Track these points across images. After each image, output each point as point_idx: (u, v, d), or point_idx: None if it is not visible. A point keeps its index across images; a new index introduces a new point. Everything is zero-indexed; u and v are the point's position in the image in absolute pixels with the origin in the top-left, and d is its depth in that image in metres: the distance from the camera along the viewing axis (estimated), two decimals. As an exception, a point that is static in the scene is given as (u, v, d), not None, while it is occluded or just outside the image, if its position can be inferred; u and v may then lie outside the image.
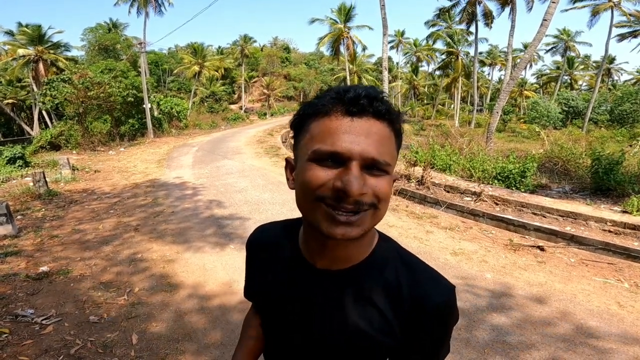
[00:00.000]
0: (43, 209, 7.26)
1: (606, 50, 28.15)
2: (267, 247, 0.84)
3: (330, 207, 0.59)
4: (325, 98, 0.62)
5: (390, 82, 34.63)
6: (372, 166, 0.59)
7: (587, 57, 49.45)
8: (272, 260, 0.81)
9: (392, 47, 45.77)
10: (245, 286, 0.93)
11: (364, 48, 34.70)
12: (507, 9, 23.72)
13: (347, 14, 30.14)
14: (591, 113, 28.66)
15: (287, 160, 0.73)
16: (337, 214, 0.58)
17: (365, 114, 0.59)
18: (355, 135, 0.58)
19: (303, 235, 0.75)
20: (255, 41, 49.57)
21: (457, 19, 29.85)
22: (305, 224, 0.72)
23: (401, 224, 5.98)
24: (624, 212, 5.49)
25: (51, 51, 25.92)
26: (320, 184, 0.59)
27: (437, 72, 42.18)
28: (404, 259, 0.73)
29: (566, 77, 45.25)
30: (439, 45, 38.69)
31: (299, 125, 0.67)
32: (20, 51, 24.50)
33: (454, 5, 28.76)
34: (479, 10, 27.41)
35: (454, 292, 0.70)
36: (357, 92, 0.59)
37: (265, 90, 43.96)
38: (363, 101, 0.59)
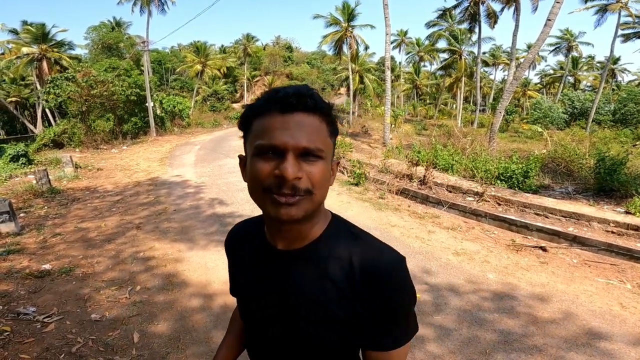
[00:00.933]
0: (46, 207, 7.28)
1: (611, 51, 28.00)
2: (239, 242, 0.94)
3: (274, 194, 0.68)
4: (262, 100, 0.72)
5: (392, 82, 34.58)
6: (307, 154, 0.68)
7: (592, 57, 49.21)
8: (245, 252, 0.90)
9: (394, 47, 45.62)
10: (230, 285, 1.01)
11: (366, 47, 34.59)
12: (511, 9, 23.61)
13: (350, 13, 30.05)
14: (595, 113, 28.52)
15: (239, 157, 0.82)
16: (278, 197, 0.67)
17: (295, 110, 0.68)
18: (288, 129, 0.67)
19: (265, 223, 0.85)
20: (257, 40, 49.52)
21: (459, 18, 29.69)
22: (262, 211, 0.77)
23: (403, 224, 5.97)
24: (627, 213, 5.47)
25: (55, 50, 25.95)
26: (264, 175, 0.68)
27: (440, 72, 42.04)
28: (354, 234, 0.80)
29: (570, 78, 45.04)
30: (442, 44, 38.57)
31: (244, 126, 0.76)
32: (24, 49, 24.53)
33: (456, 6, 28.64)
34: (482, 10, 27.29)
35: (402, 262, 0.76)
36: (287, 92, 0.69)
37: (268, 89, 43.86)
38: (292, 99, 0.68)
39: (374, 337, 0.76)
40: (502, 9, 25.16)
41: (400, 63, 50.20)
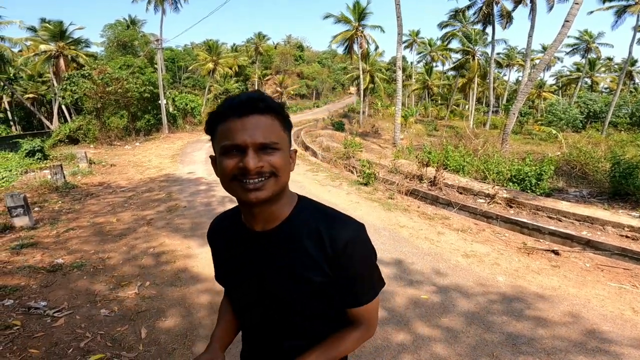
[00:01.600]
0: (60, 202, 7.40)
1: (629, 52, 27.44)
2: (220, 232, 1.06)
3: (241, 181, 0.81)
4: (222, 108, 0.84)
5: (403, 82, 34.35)
6: (264, 147, 0.81)
7: (610, 59, 48.23)
8: (224, 236, 1.02)
9: (406, 47, 45.36)
10: (215, 272, 1.11)
11: (377, 47, 34.50)
12: (526, 10, 23.25)
13: (361, 12, 29.96)
14: (612, 116, 27.95)
15: (210, 157, 0.93)
16: (246, 183, 0.81)
17: (250, 112, 0.81)
18: (246, 129, 0.80)
19: (240, 209, 0.95)
20: (269, 39, 49.76)
21: (473, 19, 29.38)
22: (237, 199, 0.89)
23: (412, 225, 5.92)
24: (643, 217, 5.34)
25: (72, 47, 26.37)
26: (231, 168, 0.81)
27: (452, 72, 41.65)
28: (320, 210, 0.94)
29: (587, 79, 44.22)
30: (454, 45, 38.20)
31: (210, 131, 0.87)
32: (42, 47, 24.97)
33: (469, 6, 28.35)
34: (495, 10, 26.95)
35: (362, 228, 0.91)
36: (241, 99, 0.82)
37: (279, 88, 44.10)
38: (246, 105, 0.81)
39: (349, 294, 0.92)
40: (514, 9, 24.79)
41: (411, 63, 49.90)
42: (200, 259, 4.64)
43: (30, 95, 32.33)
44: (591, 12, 27.60)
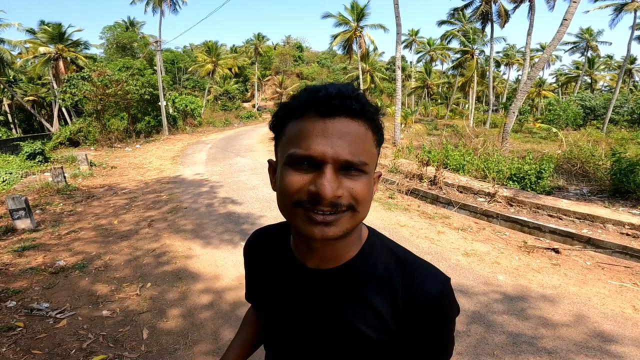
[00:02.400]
0: (61, 204, 7.42)
1: (628, 51, 27.42)
2: (262, 250, 0.86)
3: (308, 210, 0.59)
4: (299, 100, 0.63)
5: (403, 81, 34.38)
6: (347, 167, 0.59)
7: (610, 57, 48.20)
8: (268, 262, 0.82)
9: (405, 46, 45.40)
10: (246, 290, 0.96)
11: (375, 48, 34.48)
12: (525, 8, 23.27)
13: (360, 12, 29.98)
14: (612, 114, 27.92)
15: (269, 162, 0.74)
16: (314, 215, 0.59)
17: (338, 114, 0.59)
18: (328, 137, 0.58)
19: (292, 237, 0.76)
20: (268, 40, 49.78)
21: (471, 18, 29.38)
22: (292, 226, 0.71)
23: (412, 224, 5.93)
24: (643, 215, 5.35)
25: (71, 49, 26.42)
26: (296, 190, 0.59)
27: (452, 72, 41.65)
28: (395, 253, 0.72)
29: (586, 78, 44.20)
30: (453, 44, 38.21)
31: (276, 128, 0.67)
32: (42, 49, 25.02)
33: (467, 5, 28.34)
34: (494, 9, 26.95)
35: (448, 283, 0.69)
36: (329, 92, 0.59)
37: (278, 89, 44.10)
38: (335, 101, 0.58)
39: None
40: (514, 9, 24.77)
41: (411, 62, 49.93)
42: (201, 260, 4.65)
43: (31, 98, 32.39)
44: (587, 11, 27.61)
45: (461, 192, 7.35)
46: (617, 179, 6.64)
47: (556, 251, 4.86)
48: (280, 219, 0.75)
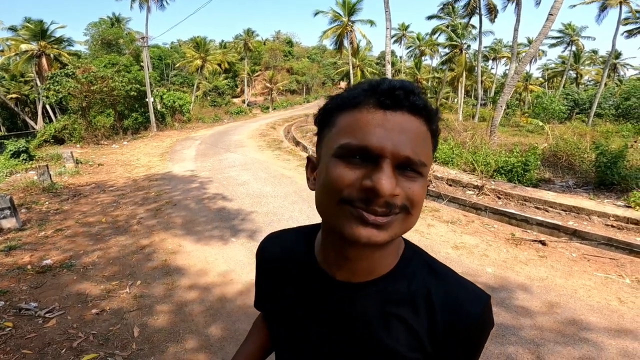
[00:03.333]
0: (47, 203, 7.30)
1: (613, 46, 27.85)
2: (278, 256, 0.78)
3: (357, 208, 0.53)
4: (356, 90, 0.57)
5: (393, 76, 34.40)
6: (406, 166, 0.53)
7: (595, 52, 48.93)
8: (285, 271, 0.75)
9: (395, 41, 45.50)
10: (256, 298, 0.89)
11: (368, 42, 34.56)
12: (513, 4, 23.45)
13: (351, 7, 29.95)
14: (597, 108, 28.41)
15: (308, 158, 0.67)
16: (365, 214, 0.53)
17: (400, 107, 0.54)
18: (389, 130, 0.53)
19: (321, 244, 0.68)
20: (258, 35, 49.46)
21: (461, 13, 29.57)
22: (325, 230, 0.65)
23: (403, 218, 5.97)
24: (627, 207, 5.47)
25: (54, 46, 25.95)
26: (346, 184, 0.53)
27: (441, 66, 41.90)
28: (434, 269, 0.67)
29: (572, 72, 44.83)
30: (443, 39, 38.41)
31: (324, 120, 0.61)
32: (23, 46, 24.53)
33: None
34: (482, 4, 27.13)
35: (489, 301, 0.65)
36: (392, 84, 0.55)
37: (268, 84, 43.89)
38: (398, 93, 0.54)
39: None
40: (506, 7, 24.90)
41: (401, 57, 50.05)
42: (191, 256, 4.63)
43: (14, 96, 31.74)
44: (573, 5, 27.98)
45: (450, 185, 7.42)
46: (601, 171, 6.77)
47: (543, 243, 4.94)
48: (271, 215, 0.72)
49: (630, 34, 29.46)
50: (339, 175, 0.54)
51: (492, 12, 26.98)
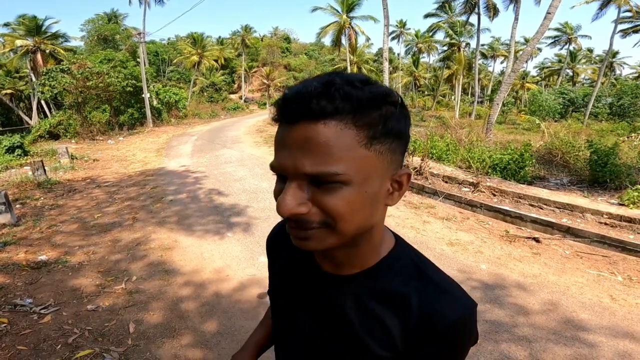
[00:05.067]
0: (42, 198, 7.28)
1: (610, 45, 27.95)
2: (282, 246, 0.80)
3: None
4: (277, 101, 0.55)
5: (391, 73, 34.37)
6: (317, 180, 0.50)
7: (590, 50, 49.07)
8: (285, 260, 0.79)
9: (393, 38, 45.40)
10: (269, 284, 0.89)
11: (368, 38, 34.49)
12: (512, 3, 23.44)
13: (349, 4, 29.86)
14: (593, 106, 28.54)
15: None
16: (290, 228, 0.56)
17: (297, 120, 0.50)
18: (288, 148, 0.51)
19: None
20: (255, 32, 49.25)
21: (459, 10, 29.57)
22: None
23: (399, 214, 6.00)
24: (621, 204, 5.51)
25: (49, 42, 25.75)
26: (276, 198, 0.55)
27: (438, 64, 41.93)
28: (419, 268, 0.65)
29: (568, 71, 44.98)
30: (440, 36, 38.43)
31: None
32: (18, 42, 24.33)
33: (456, -3, 28.53)
34: (481, 2, 27.13)
35: (473, 309, 0.61)
36: (286, 95, 0.52)
37: (265, 80, 43.73)
38: (292, 106, 0.51)
39: None
40: (508, 7, 24.77)
41: (398, 54, 50.00)
42: (187, 252, 4.64)
43: (8, 91, 31.44)
44: (573, 6, 28.10)
45: (446, 182, 7.44)
46: (594, 169, 6.81)
47: (537, 240, 4.98)
48: (267, 210, 0.73)
49: (625, 33, 29.57)
50: (275, 192, 0.56)
51: (492, 10, 26.98)
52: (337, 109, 0.49)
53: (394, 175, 0.57)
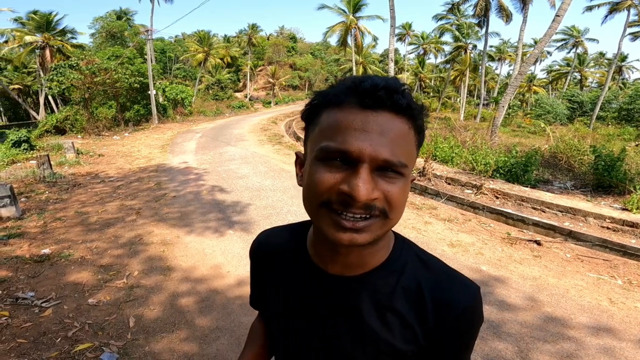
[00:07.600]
0: (47, 192, 7.34)
1: (619, 48, 27.73)
2: (272, 253, 0.79)
3: (335, 213, 0.54)
4: (339, 87, 0.57)
5: (396, 74, 34.40)
6: (386, 168, 0.53)
7: (602, 54, 48.65)
8: (279, 267, 0.76)
9: (399, 39, 45.34)
10: (251, 295, 0.88)
11: (375, 38, 34.43)
12: (521, 4, 23.27)
13: (356, 4, 29.84)
14: (600, 110, 28.32)
15: (296, 154, 0.67)
16: (342, 219, 0.54)
17: (382, 107, 0.53)
18: (368, 132, 0.52)
19: (313, 239, 0.70)
20: (262, 30, 49.33)
21: (470, 13, 29.43)
22: (315, 227, 0.67)
23: (400, 216, 5.99)
24: (624, 209, 5.48)
25: (58, 38, 26.01)
26: (326, 188, 0.54)
27: (444, 65, 41.79)
28: (424, 261, 0.69)
29: (576, 74, 44.68)
30: (446, 38, 38.28)
31: (309, 117, 0.62)
32: (27, 38, 24.58)
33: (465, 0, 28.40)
34: (493, 5, 26.96)
35: (479, 292, 0.66)
36: (375, 83, 0.53)
37: (271, 79, 43.80)
38: (381, 93, 0.53)
39: None
40: (522, 9, 24.54)
41: (404, 55, 49.91)
42: (188, 248, 4.67)
43: (16, 86, 31.80)
44: (583, 12, 27.95)
45: (449, 183, 7.43)
46: (599, 173, 6.77)
47: (538, 243, 4.97)
48: (269, 208, 0.73)
49: (635, 36, 29.34)
50: (319, 180, 0.54)
51: (504, 12, 26.75)
52: (410, 108, 0.55)
53: (409, 178, 0.61)
